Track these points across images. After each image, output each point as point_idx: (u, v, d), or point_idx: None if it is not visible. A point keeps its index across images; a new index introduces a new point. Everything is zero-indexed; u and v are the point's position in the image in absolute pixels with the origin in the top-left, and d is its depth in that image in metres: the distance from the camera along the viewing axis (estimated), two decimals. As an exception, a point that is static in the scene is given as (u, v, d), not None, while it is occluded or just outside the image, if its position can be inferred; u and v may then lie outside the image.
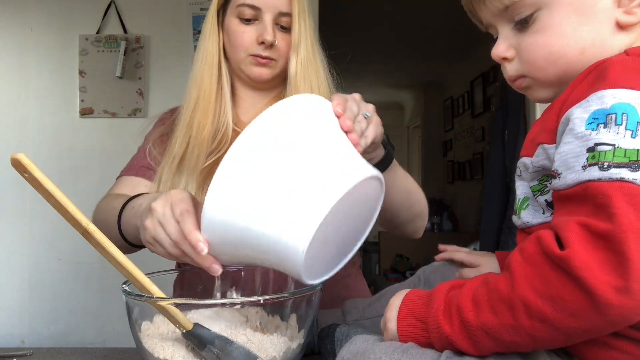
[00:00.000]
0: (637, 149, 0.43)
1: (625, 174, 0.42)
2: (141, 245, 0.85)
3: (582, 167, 0.44)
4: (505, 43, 0.58)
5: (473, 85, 4.33)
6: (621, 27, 0.53)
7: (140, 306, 0.60)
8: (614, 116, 0.44)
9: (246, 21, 0.95)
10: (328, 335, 0.70)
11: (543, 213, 0.54)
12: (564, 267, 0.42)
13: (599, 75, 0.48)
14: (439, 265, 0.81)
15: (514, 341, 0.45)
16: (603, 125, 0.44)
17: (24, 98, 2.38)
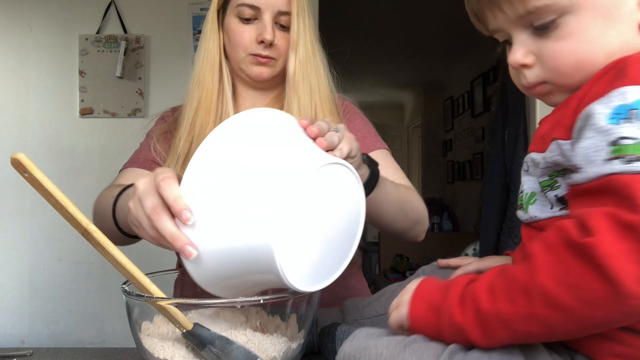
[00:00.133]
0: None
1: None
2: (136, 235, 0.84)
3: (604, 160, 0.45)
4: (523, 49, 0.56)
5: (473, 85, 4.33)
6: None
7: (140, 306, 0.60)
8: (635, 111, 0.45)
9: (246, 20, 0.95)
10: (329, 334, 0.70)
11: (551, 208, 0.54)
12: (587, 254, 0.41)
13: (618, 72, 0.48)
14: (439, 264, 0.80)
15: (527, 331, 0.45)
16: (625, 120, 0.45)
17: (24, 98, 2.38)
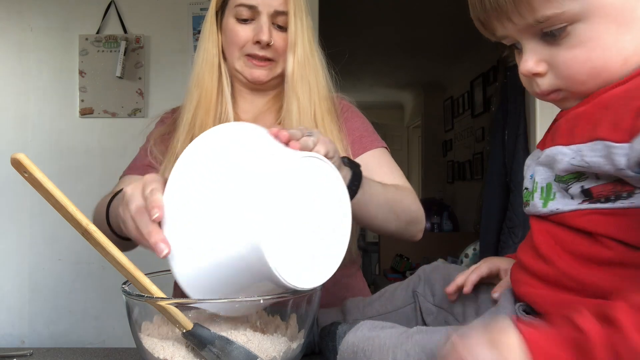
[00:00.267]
0: None
1: None
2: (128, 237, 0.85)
3: None
4: (535, 57, 0.54)
5: (473, 85, 4.33)
6: None
7: (140, 306, 0.60)
8: None
9: (243, 21, 0.96)
10: (330, 333, 0.70)
11: (572, 199, 0.52)
12: None
13: None
14: (439, 264, 0.80)
15: None
16: None
17: (24, 98, 2.38)
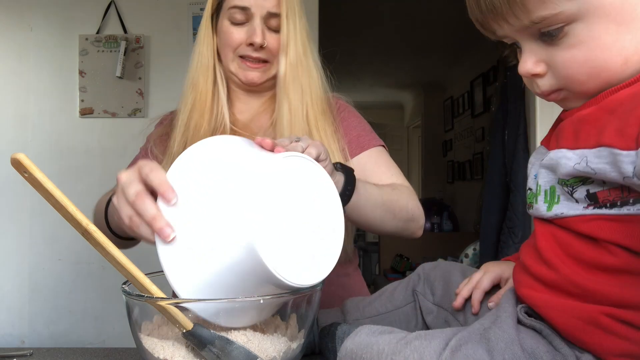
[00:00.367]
0: None
1: None
2: (128, 237, 0.85)
3: None
4: (533, 58, 0.53)
5: (473, 85, 4.33)
6: None
7: (140, 306, 0.59)
8: None
9: (237, 23, 0.97)
10: (329, 333, 0.70)
11: (577, 202, 0.51)
12: None
13: None
14: (439, 262, 0.80)
15: None
16: None
17: (24, 98, 2.38)
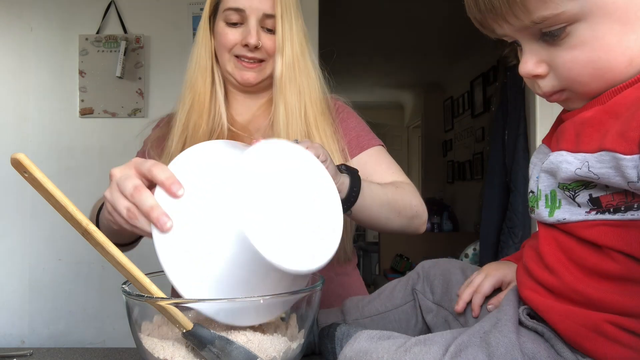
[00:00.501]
0: None
1: None
2: (117, 243, 0.85)
3: None
4: (534, 59, 0.52)
5: (473, 85, 4.33)
6: None
7: (140, 306, 0.60)
8: None
9: (232, 24, 0.97)
10: (328, 334, 0.70)
11: (579, 207, 0.51)
12: None
13: None
14: (438, 259, 0.80)
15: None
16: None
17: (24, 98, 2.38)
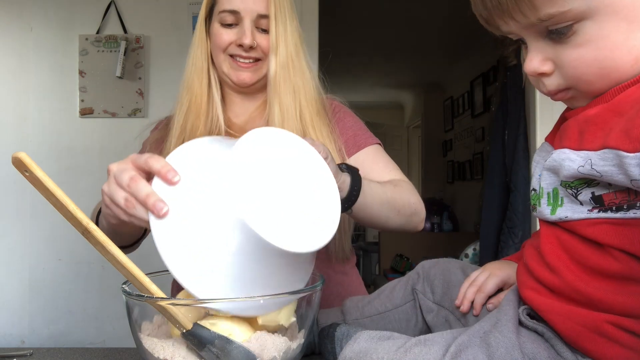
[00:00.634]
0: None
1: None
2: (123, 244, 0.85)
3: None
4: (540, 56, 0.52)
5: (473, 85, 4.33)
6: None
7: (140, 306, 0.60)
8: None
9: (227, 25, 0.98)
10: (328, 335, 0.70)
11: (581, 205, 0.50)
12: None
13: None
14: (438, 259, 0.80)
15: None
16: None
17: (24, 98, 2.38)
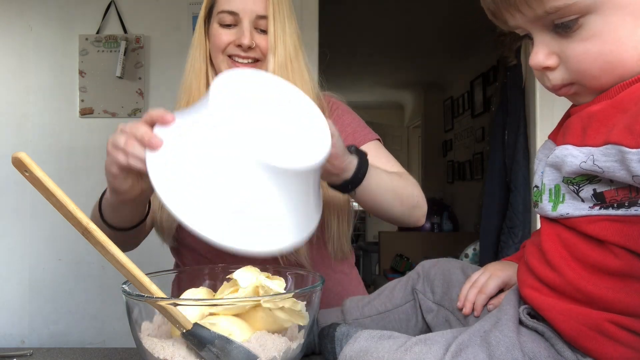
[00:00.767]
0: None
1: None
2: (122, 227, 0.87)
3: None
4: (545, 50, 0.52)
5: (473, 85, 4.33)
6: None
7: (140, 306, 0.60)
8: None
9: (226, 26, 0.98)
10: (328, 334, 0.70)
11: (582, 202, 0.50)
12: None
13: None
14: (438, 259, 0.80)
15: None
16: None
17: (24, 98, 2.38)
